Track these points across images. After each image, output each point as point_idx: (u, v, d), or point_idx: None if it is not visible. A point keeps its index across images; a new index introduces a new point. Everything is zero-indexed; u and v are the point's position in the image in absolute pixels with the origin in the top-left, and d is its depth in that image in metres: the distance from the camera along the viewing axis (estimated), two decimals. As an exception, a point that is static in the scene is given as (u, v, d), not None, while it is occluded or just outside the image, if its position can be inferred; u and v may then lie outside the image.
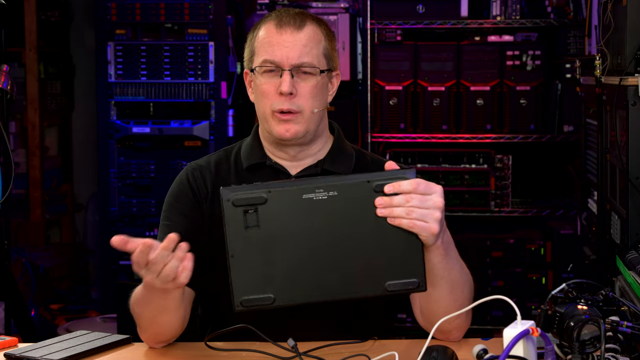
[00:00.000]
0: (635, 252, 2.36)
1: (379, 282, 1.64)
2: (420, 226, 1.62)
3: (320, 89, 1.97)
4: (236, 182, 2.04)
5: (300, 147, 2.02)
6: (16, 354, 1.82)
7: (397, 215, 1.62)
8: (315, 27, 1.98)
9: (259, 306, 1.64)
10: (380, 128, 4.50)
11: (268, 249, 1.62)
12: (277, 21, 1.97)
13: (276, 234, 1.62)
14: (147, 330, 1.89)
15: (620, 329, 1.57)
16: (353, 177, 1.65)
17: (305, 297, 1.66)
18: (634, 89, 2.41)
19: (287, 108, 1.94)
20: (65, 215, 5.38)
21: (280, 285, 1.64)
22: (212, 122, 4.56)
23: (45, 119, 5.14)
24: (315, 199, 1.61)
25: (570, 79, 4.32)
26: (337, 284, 1.65)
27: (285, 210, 1.62)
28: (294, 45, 1.94)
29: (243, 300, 1.64)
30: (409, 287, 1.65)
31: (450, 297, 1.80)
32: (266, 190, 1.61)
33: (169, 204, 2.04)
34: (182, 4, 4.55)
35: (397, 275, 1.64)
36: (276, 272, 1.64)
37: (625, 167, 2.47)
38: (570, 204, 4.49)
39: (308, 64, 1.95)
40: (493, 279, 4.39)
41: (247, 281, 1.63)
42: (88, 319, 4.77)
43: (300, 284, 1.65)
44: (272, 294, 1.64)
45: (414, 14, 4.45)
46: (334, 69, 2.03)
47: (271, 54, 1.95)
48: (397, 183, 1.62)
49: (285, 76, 1.93)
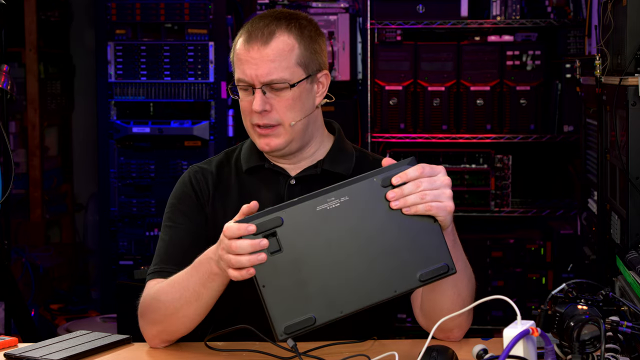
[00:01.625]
0: (635, 252, 2.36)
1: (411, 274, 1.63)
2: (437, 206, 1.64)
3: (297, 100, 1.93)
4: (237, 184, 2.04)
5: (293, 154, 2.01)
6: (16, 354, 1.82)
7: (412, 202, 1.62)
8: (286, 36, 1.92)
9: (302, 329, 1.61)
10: (380, 128, 4.50)
11: (296, 269, 1.61)
12: (246, 36, 1.94)
13: (300, 253, 1.61)
14: (163, 323, 1.87)
15: (620, 329, 1.57)
16: (357, 178, 1.64)
17: (346, 307, 1.63)
18: (634, 89, 2.41)
19: (263, 123, 1.93)
20: (65, 215, 5.38)
21: (318, 302, 1.62)
22: (212, 122, 4.56)
23: (45, 119, 5.14)
24: (329, 208, 1.61)
25: (570, 79, 4.32)
26: (371, 287, 1.63)
27: (304, 227, 1.61)
28: (262, 62, 1.90)
29: (285, 328, 1.61)
30: (440, 273, 1.64)
31: (454, 290, 1.81)
32: (280, 212, 1.61)
33: (172, 205, 2.04)
34: (182, 4, 4.55)
35: (425, 263, 1.63)
36: (311, 291, 1.62)
37: (625, 167, 2.47)
38: (570, 204, 4.49)
39: (278, 80, 1.91)
40: (493, 279, 4.39)
41: (284, 307, 1.61)
42: (88, 319, 4.77)
43: (337, 295, 1.63)
44: (313, 313, 1.61)
45: (414, 14, 4.45)
46: (317, 71, 1.98)
47: (242, 72, 1.92)
48: (403, 172, 1.63)
49: (257, 94, 1.91)
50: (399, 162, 1.66)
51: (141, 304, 1.91)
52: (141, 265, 4.33)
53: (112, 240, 4.64)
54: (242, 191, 2.02)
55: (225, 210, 1.98)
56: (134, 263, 4.61)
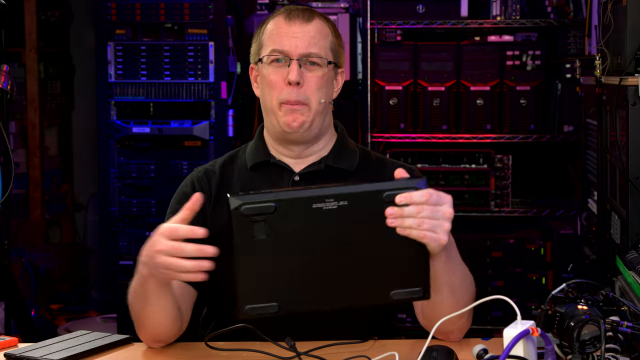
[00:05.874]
0: (635, 252, 2.36)
1: (385, 291, 1.63)
2: (431, 237, 1.61)
3: (326, 81, 2.00)
4: (240, 181, 2.05)
5: (305, 144, 2.03)
6: (16, 354, 1.82)
7: (408, 226, 1.60)
8: (324, 22, 2.03)
9: (263, 314, 1.62)
10: (380, 128, 4.49)
11: (275, 258, 1.60)
12: (286, 14, 2.01)
13: (284, 244, 1.60)
14: (143, 326, 1.88)
15: (621, 329, 1.57)
16: (364, 186, 1.61)
17: (310, 305, 1.64)
18: (634, 89, 2.41)
19: (294, 99, 1.96)
20: (65, 215, 5.38)
21: (286, 293, 1.62)
22: (212, 122, 4.56)
23: (45, 119, 5.14)
24: (325, 208, 1.59)
25: (570, 79, 4.32)
26: (342, 292, 1.64)
27: (295, 220, 1.60)
28: (303, 35, 1.98)
29: (248, 309, 1.61)
30: (413, 296, 1.64)
31: (452, 301, 1.80)
32: (276, 199, 1.59)
33: (171, 207, 2.05)
34: (182, 4, 4.54)
35: (402, 284, 1.63)
36: (282, 281, 1.62)
37: (625, 167, 2.47)
38: (570, 204, 4.49)
39: (316, 54, 1.98)
40: (493, 279, 4.39)
41: (252, 290, 1.61)
42: (88, 319, 4.77)
43: (306, 292, 1.63)
44: (277, 302, 1.62)
45: (414, 14, 4.45)
46: (340, 65, 2.06)
47: (279, 44, 1.98)
48: (409, 194, 1.60)
49: (293, 65, 1.96)
50: (411, 180, 1.62)
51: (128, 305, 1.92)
52: (141, 265, 4.32)
53: (112, 240, 4.63)
54: (245, 187, 2.03)
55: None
56: (134, 263, 4.57)
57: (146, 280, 1.78)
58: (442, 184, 4.39)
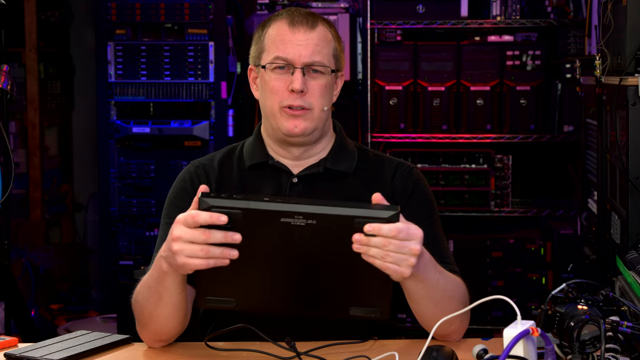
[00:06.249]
0: (635, 252, 2.36)
1: (343, 306, 1.68)
2: (393, 269, 1.62)
3: (329, 88, 2.01)
4: (239, 181, 2.05)
5: (305, 147, 2.03)
6: (16, 354, 1.82)
7: (372, 255, 1.61)
8: (326, 28, 2.02)
9: (221, 307, 1.70)
10: (380, 128, 4.49)
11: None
12: (289, 19, 1.99)
13: (246, 248, 1.62)
14: (147, 324, 1.88)
15: (621, 329, 1.57)
16: (338, 209, 1.60)
17: (266, 308, 1.72)
18: (634, 89, 2.41)
19: (298, 104, 1.96)
20: (65, 215, 5.37)
21: (244, 293, 1.69)
22: (212, 122, 4.56)
23: (45, 119, 5.14)
24: (293, 224, 1.59)
25: (570, 79, 4.32)
26: (299, 301, 1.70)
27: (259, 229, 1.61)
28: (307, 43, 1.97)
29: (207, 300, 1.70)
30: (370, 315, 1.68)
31: (436, 311, 1.79)
32: (244, 207, 1.59)
33: (170, 201, 2.05)
34: (182, 4, 4.55)
35: (361, 302, 1.68)
36: (240, 281, 1.67)
37: (625, 167, 2.47)
38: (570, 204, 4.49)
39: (319, 62, 1.98)
40: (493, 279, 4.38)
41: (213, 284, 1.68)
42: (88, 319, 4.77)
43: (263, 295, 1.70)
44: (235, 298, 1.69)
45: (414, 14, 4.45)
46: (341, 69, 2.07)
47: (283, 51, 1.97)
48: (378, 226, 1.59)
49: (297, 74, 1.96)
50: (384, 209, 1.61)
51: (131, 304, 1.92)
52: (141, 265, 4.32)
53: (112, 240, 4.64)
54: (244, 187, 2.03)
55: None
56: (134, 263, 4.61)
57: (165, 277, 1.76)
58: (442, 184, 4.39)
